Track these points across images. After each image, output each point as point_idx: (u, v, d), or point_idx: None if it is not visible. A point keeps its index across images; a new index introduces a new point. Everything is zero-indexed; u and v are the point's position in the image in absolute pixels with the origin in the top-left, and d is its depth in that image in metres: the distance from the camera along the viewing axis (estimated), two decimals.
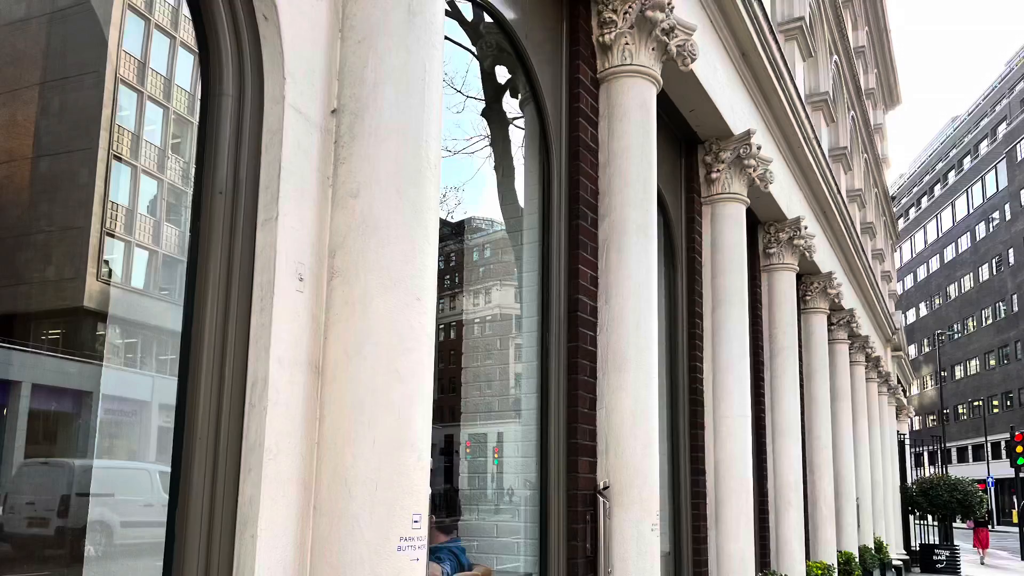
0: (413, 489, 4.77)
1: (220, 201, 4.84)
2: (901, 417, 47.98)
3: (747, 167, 12.88)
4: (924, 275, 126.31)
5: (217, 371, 4.70)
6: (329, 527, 4.68)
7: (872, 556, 24.81)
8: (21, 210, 4.89)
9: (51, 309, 5.05)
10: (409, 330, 4.85)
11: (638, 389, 8.56)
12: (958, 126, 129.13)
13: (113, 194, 5.29)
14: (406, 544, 4.70)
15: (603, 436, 8.57)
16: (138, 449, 5.52)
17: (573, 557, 8.15)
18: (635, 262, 8.78)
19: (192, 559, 4.54)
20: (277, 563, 4.56)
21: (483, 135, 9.38)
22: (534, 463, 8.39)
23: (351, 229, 4.92)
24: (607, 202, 8.99)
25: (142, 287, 5.74)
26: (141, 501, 5.34)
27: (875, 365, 31.17)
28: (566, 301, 8.62)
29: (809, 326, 19.98)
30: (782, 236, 16.53)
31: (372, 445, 4.67)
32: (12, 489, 4.76)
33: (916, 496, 38.10)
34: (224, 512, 4.62)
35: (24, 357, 4.80)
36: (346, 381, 4.77)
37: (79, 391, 5.15)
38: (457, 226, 9.84)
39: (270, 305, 4.69)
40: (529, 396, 8.56)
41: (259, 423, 4.61)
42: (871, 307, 29.95)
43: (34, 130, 4.88)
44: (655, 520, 8.48)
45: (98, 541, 5.00)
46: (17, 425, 4.75)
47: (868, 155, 33.50)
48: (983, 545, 43.29)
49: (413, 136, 5.06)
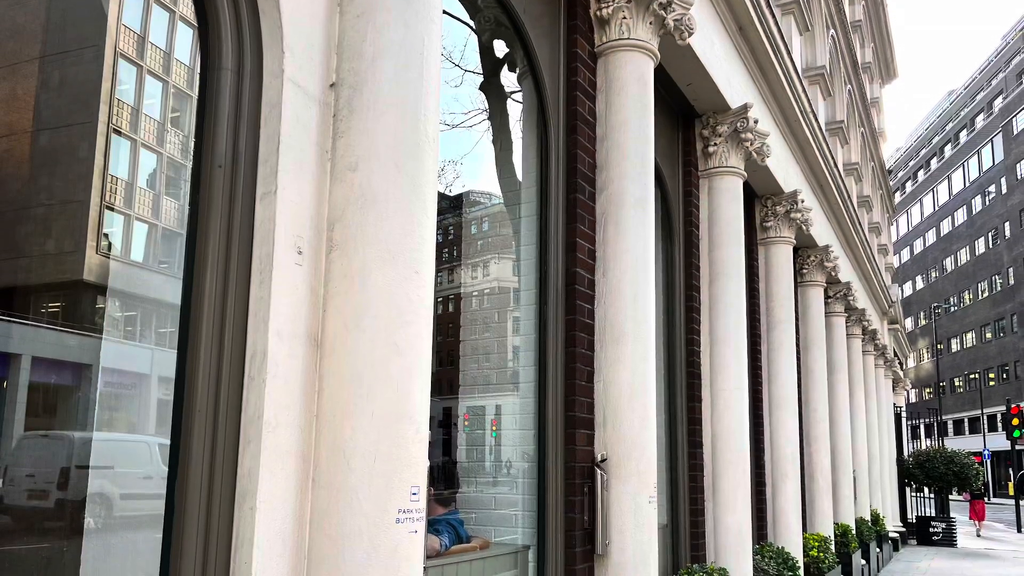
0: (411, 462, 4.79)
1: (219, 174, 4.85)
2: (898, 390, 48.02)
3: (744, 141, 12.87)
4: (920, 248, 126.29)
5: (216, 344, 4.72)
6: (328, 499, 4.70)
7: (869, 528, 24.86)
8: (21, 183, 4.89)
9: (51, 282, 5.06)
10: (408, 303, 4.86)
11: (636, 362, 8.57)
12: (954, 100, 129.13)
13: (113, 167, 5.29)
14: (405, 516, 4.72)
15: (601, 409, 8.59)
16: (138, 421, 5.53)
17: (571, 529, 8.17)
18: (633, 235, 8.78)
19: (191, 531, 4.56)
20: (276, 535, 4.58)
21: (481, 109, 9.37)
22: (532, 436, 8.41)
23: (350, 202, 4.93)
24: (605, 176, 9.00)
25: (141, 260, 5.74)
26: (141, 473, 5.35)
27: (872, 338, 31.20)
28: (564, 274, 8.63)
29: (806, 299, 20.00)
30: (779, 209, 16.54)
31: (371, 418, 4.69)
32: (12, 462, 4.77)
33: (913, 468, 38.15)
34: (223, 484, 4.63)
35: (24, 330, 4.81)
36: (345, 354, 4.78)
37: (79, 364, 5.16)
38: (455, 199, 9.84)
39: (269, 278, 4.70)
40: (527, 369, 8.58)
41: (258, 396, 4.62)
42: (868, 280, 29.95)
43: (34, 104, 4.88)
44: (653, 492, 8.50)
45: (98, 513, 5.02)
46: (17, 398, 4.76)
47: (865, 129, 33.46)
48: (979, 517, 43.35)
49: (411, 110, 5.07)
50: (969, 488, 38.82)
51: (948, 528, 35.97)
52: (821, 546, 17.28)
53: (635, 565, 8.26)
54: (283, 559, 4.61)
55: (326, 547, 4.66)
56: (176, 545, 4.56)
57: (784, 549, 14.43)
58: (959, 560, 29.46)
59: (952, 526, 36.08)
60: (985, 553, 32.36)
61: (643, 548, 8.32)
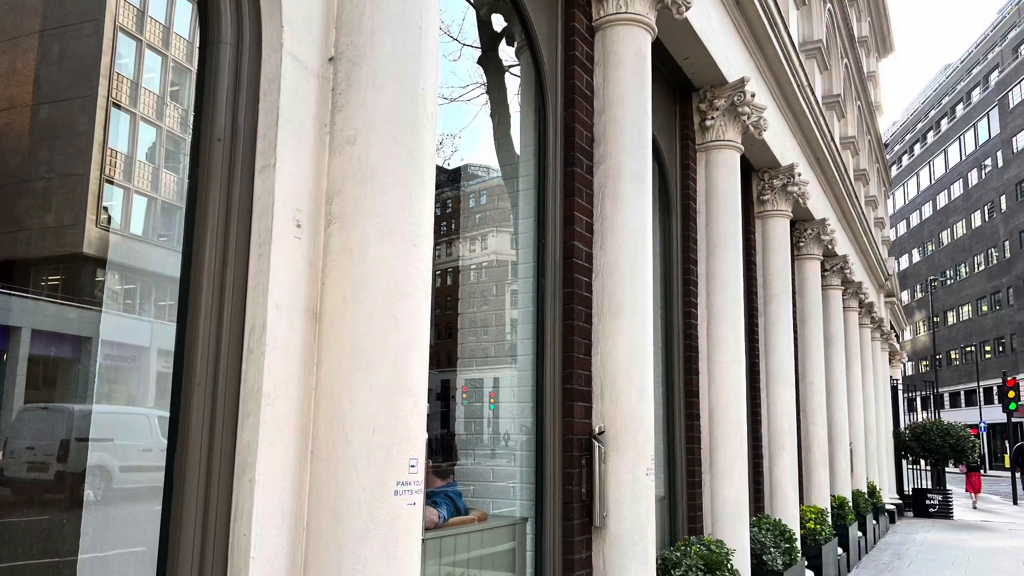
0: (410, 434, 4.81)
1: (218, 148, 4.85)
2: (894, 362, 48.05)
3: (741, 114, 12.88)
4: (917, 222, 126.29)
5: (215, 317, 4.73)
6: (327, 472, 4.72)
7: (865, 500, 24.92)
8: (21, 157, 4.89)
9: (51, 255, 5.06)
10: (406, 276, 4.88)
11: (633, 335, 8.59)
12: (950, 74, 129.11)
13: (112, 141, 5.29)
14: (403, 488, 4.74)
15: (598, 381, 8.61)
16: (137, 394, 5.53)
17: (569, 501, 8.20)
18: (630, 209, 8.79)
19: (191, 503, 4.58)
20: (275, 507, 4.60)
21: (479, 83, 9.37)
22: (530, 408, 8.43)
23: (348, 176, 4.94)
24: (602, 149, 9.01)
25: (141, 233, 5.75)
26: (140, 446, 5.36)
27: (868, 311, 31.24)
28: (562, 248, 8.64)
29: (803, 272, 20.02)
30: (776, 183, 16.55)
31: (369, 390, 4.71)
32: (12, 434, 4.78)
33: (909, 441, 38.17)
34: (222, 457, 4.66)
35: (24, 303, 4.81)
36: (343, 327, 4.80)
37: (78, 336, 5.17)
38: (453, 173, 9.84)
39: (268, 251, 4.71)
40: (525, 342, 8.60)
41: (257, 368, 4.64)
42: (864, 253, 29.97)
43: (34, 78, 4.87)
44: (650, 465, 8.53)
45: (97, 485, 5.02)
46: (17, 370, 4.76)
47: (861, 102, 33.42)
48: (975, 489, 43.38)
49: (410, 84, 5.08)
50: (965, 460, 38.83)
51: (944, 500, 36.01)
52: (818, 518, 17.35)
53: (632, 537, 8.29)
54: (282, 531, 4.64)
55: (325, 519, 4.68)
56: (175, 517, 4.58)
57: (781, 521, 14.49)
58: (955, 532, 29.55)
59: (948, 498, 36.12)
60: (981, 525, 32.45)
61: (640, 520, 8.36)
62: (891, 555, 23.47)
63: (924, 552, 24.01)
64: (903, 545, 25.79)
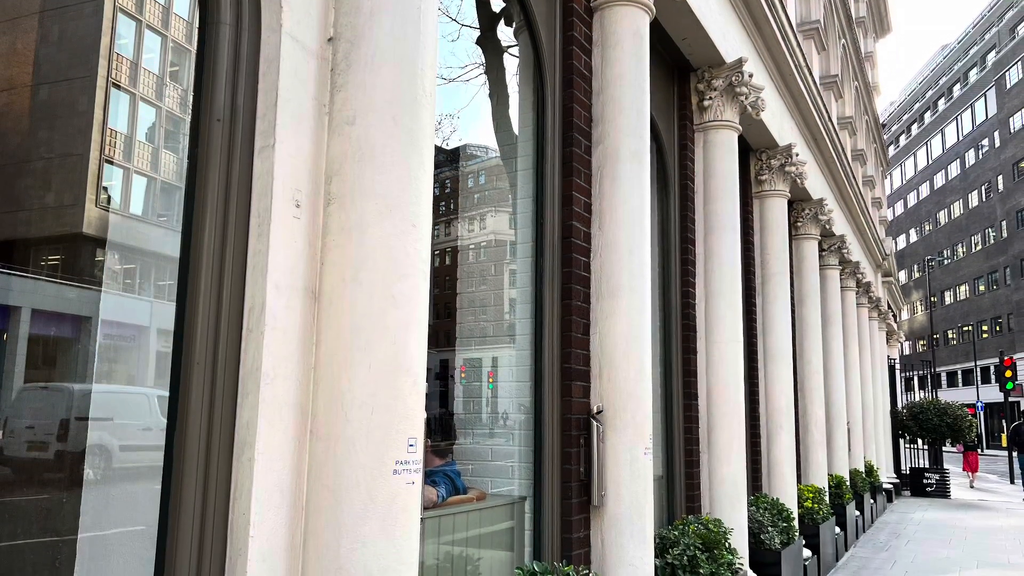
0: (409, 413, 4.82)
1: (218, 128, 4.86)
2: (891, 342, 48.09)
3: (739, 95, 12.89)
4: (914, 201, 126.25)
5: (215, 296, 4.75)
6: (326, 451, 4.74)
7: (863, 479, 24.98)
8: (21, 137, 4.90)
9: (51, 235, 5.07)
10: (405, 256, 4.88)
11: (631, 314, 8.61)
12: (948, 54, 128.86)
13: (112, 121, 5.29)
14: (402, 467, 4.75)
15: (597, 361, 8.63)
16: (137, 373, 5.54)
17: (567, 480, 8.23)
18: (628, 188, 8.80)
19: (190, 482, 4.60)
20: (274, 486, 4.62)
21: (478, 63, 9.37)
22: (528, 388, 8.45)
23: (347, 156, 4.95)
24: (601, 129, 9.02)
25: (141, 213, 5.75)
26: (140, 425, 5.37)
27: (866, 291, 31.27)
28: (560, 227, 8.66)
29: (800, 252, 20.03)
30: (774, 163, 16.56)
31: (368, 370, 4.72)
32: (12, 413, 4.79)
33: (906, 420, 38.21)
34: (222, 436, 4.67)
35: (24, 282, 4.82)
36: (342, 306, 4.81)
37: (78, 316, 5.18)
38: (452, 153, 9.84)
39: (267, 231, 4.72)
40: (523, 321, 8.61)
41: (256, 348, 4.66)
42: (862, 233, 29.98)
43: (34, 58, 4.88)
44: (648, 444, 8.55)
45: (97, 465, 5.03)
46: (17, 349, 4.77)
47: (859, 83, 33.41)
48: (972, 469, 43.45)
49: (409, 64, 5.08)
50: (962, 440, 38.87)
51: (942, 480, 36.07)
52: (815, 497, 17.38)
53: (631, 516, 8.32)
54: (281, 509, 4.66)
55: (324, 498, 4.70)
56: (175, 496, 4.60)
57: (779, 500, 14.52)
58: (953, 511, 29.61)
59: (946, 478, 36.18)
60: (978, 504, 32.52)
61: (639, 499, 8.38)
62: (889, 534, 23.54)
63: (922, 531, 24.07)
64: (900, 524, 25.84)
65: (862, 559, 19.31)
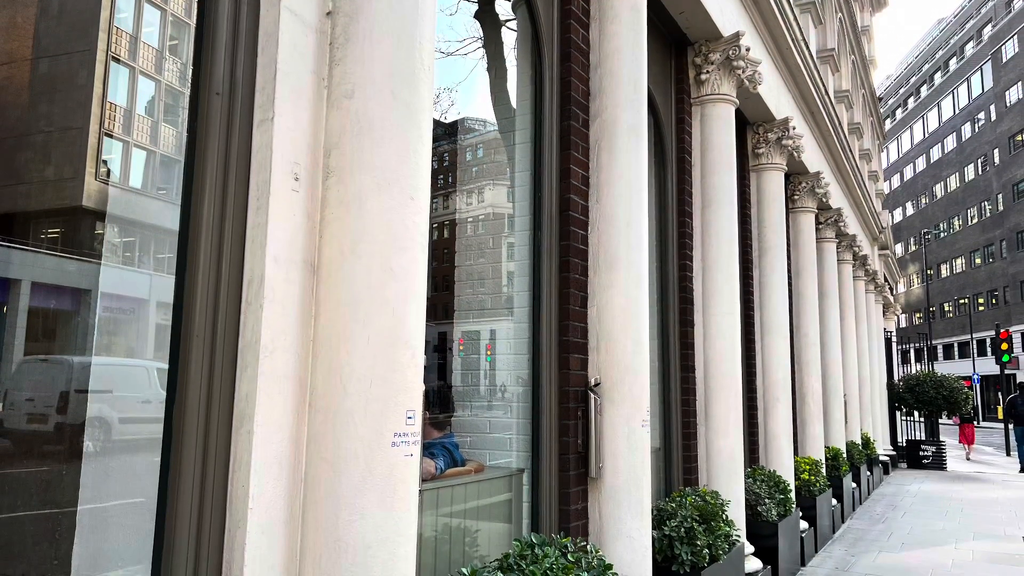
0: (407, 386, 4.83)
1: (217, 102, 4.87)
2: (888, 315, 48.17)
3: (736, 69, 12.88)
4: (911, 175, 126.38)
5: (214, 269, 4.75)
6: (324, 423, 4.74)
7: (859, 452, 25.02)
8: (20, 111, 4.90)
9: (50, 208, 5.07)
10: (403, 229, 4.89)
11: (629, 287, 8.62)
12: (944, 28, 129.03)
13: (111, 95, 5.29)
14: (400, 440, 4.76)
15: (594, 333, 8.65)
16: (136, 346, 5.55)
17: (565, 453, 8.24)
18: (626, 162, 8.81)
19: (189, 454, 4.61)
20: (273, 458, 4.63)
21: (476, 37, 9.35)
22: (526, 360, 8.46)
23: (346, 130, 4.95)
24: (598, 103, 9.02)
25: (140, 187, 5.75)
26: (139, 397, 5.37)
27: (862, 263, 31.28)
28: (558, 201, 8.66)
29: (797, 225, 20.04)
30: (771, 136, 16.56)
31: (367, 342, 4.72)
32: (12, 386, 4.79)
33: (903, 393, 38.26)
34: (221, 408, 4.68)
35: (24, 256, 4.83)
36: (341, 279, 4.81)
37: (78, 289, 5.18)
38: (450, 126, 9.84)
39: (266, 204, 4.72)
40: (521, 294, 8.62)
41: (255, 321, 4.66)
42: (858, 206, 29.97)
43: (33, 32, 4.88)
44: (645, 416, 8.57)
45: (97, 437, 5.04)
46: (17, 322, 4.78)
47: (855, 56, 33.36)
48: (968, 441, 43.56)
49: (407, 38, 5.08)
50: (959, 412, 38.94)
51: (938, 452, 36.16)
52: (812, 469, 17.44)
53: (628, 488, 8.34)
54: (280, 481, 4.67)
55: (322, 470, 4.71)
56: (174, 468, 4.61)
57: (776, 472, 14.55)
58: (949, 483, 29.69)
59: (942, 450, 36.27)
60: (974, 476, 32.60)
61: (636, 471, 8.40)
62: (885, 506, 23.61)
63: (918, 503, 24.14)
64: (897, 496, 25.91)
65: (859, 531, 19.38)
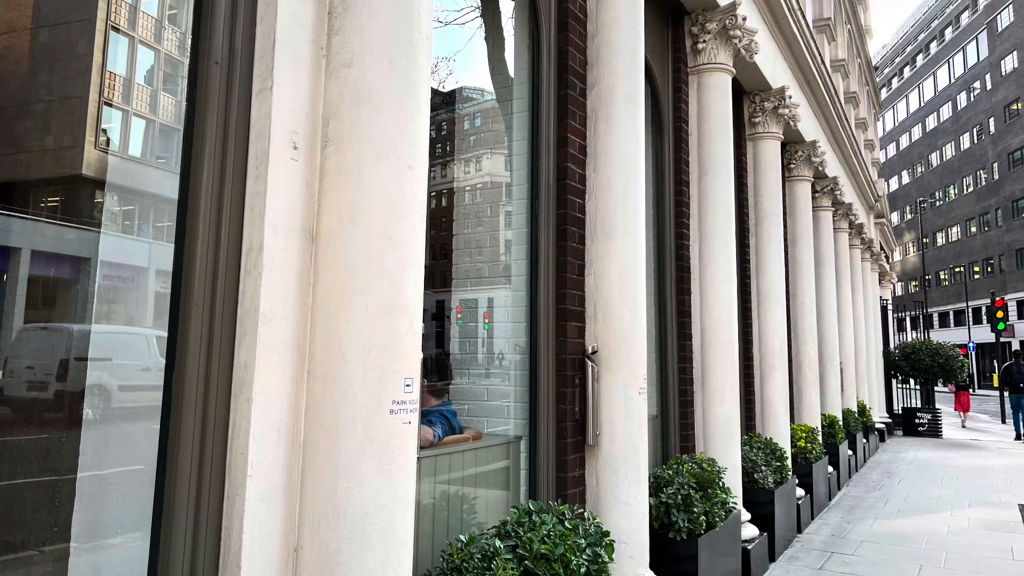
0: (405, 353, 4.85)
1: (216, 71, 4.88)
2: (884, 283, 48.19)
3: (732, 38, 12.88)
4: (906, 144, 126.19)
5: (213, 238, 4.77)
6: (323, 391, 4.77)
7: (855, 419, 25.04)
8: (20, 80, 4.91)
9: (50, 177, 5.08)
10: (401, 198, 4.90)
11: (626, 255, 8.63)
12: None
13: (111, 64, 5.29)
14: (398, 407, 4.79)
15: (591, 301, 8.67)
16: (135, 314, 5.56)
17: (562, 420, 8.27)
18: (623, 131, 8.82)
19: (189, 422, 4.64)
20: (272, 426, 4.66)
21: (474, 7, 9.34)
22: (524, 328, 8.48)
23: (344, 98, 4.96)
24: (595, 72, 9.02)
25: (139, 155, 5.76)
26: (139, 365, 5.39)
27: (858, 232, 31.28)
28: (555, 169, 8.67)
29: (793, 194, 20.04)
30: (767, 105, 16.56)
31: (365, 310, 4.75)
32: (12, 354, 4.80)
33: (899, 361, 38.28)
34: (220, 376, 4.71)
35: (24, 224, 4.84)
36: (340, 248, 4.83)
37: (77, 257, 5.19)
38: (448, 95, 9.84)
39: (265, 173, 4.74)
40: (519, 262, 8.63)
41: (254, 289, 4.69)
42: (854, 175, 29.96)
43: (33, 1, 4.89)
44: (642, 384, 8.59)
45: (96, 404, 5.05)
46: (16, 290, 4.79)
47: (851, 26, 33.31)
48: (964, 408, 43.59)
49: (405, 7, 5.08)
50: (954, 380, 38.92)
51: (934, 419, 36.19)
52: (808, 436, 17.47)
53: (625, 455, 8.37)
54: (278, 449, 4.69)
55: (321, 438, 4.74)
56: (173, 435, 4.65)
57: (772, 440, 14.59)
58: (944, 450, 29.75)
59: (937, 417, 36.30)
60: (970, 444, 32.66)
61: (633, 439, 8.43)
62: (881, 473, 23.66)
63: (914, 470, 24.20)
64: (893, 463, 25.97)
65: (855, 498, 19.43)
